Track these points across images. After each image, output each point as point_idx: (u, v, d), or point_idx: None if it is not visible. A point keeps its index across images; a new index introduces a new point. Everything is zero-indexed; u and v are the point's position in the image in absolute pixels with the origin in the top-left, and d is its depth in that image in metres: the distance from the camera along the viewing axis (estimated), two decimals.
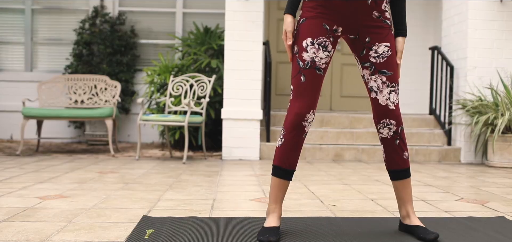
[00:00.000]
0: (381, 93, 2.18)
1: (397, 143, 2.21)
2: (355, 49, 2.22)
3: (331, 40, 2.15)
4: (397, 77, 2.20)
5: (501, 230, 2.34)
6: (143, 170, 4.44)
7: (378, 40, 2.17)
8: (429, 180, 4.14)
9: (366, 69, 2.20)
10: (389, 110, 2.18)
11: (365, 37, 2.18)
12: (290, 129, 2.11)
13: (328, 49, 2.14)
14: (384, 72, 2.17)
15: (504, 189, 3.71)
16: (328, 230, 2.29)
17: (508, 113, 5.22)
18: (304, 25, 2.13)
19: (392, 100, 2.18)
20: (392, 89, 2.18)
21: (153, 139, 7.53)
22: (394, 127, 2.19)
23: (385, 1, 2.16)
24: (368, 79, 2.21)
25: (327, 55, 2.13)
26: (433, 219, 2.56)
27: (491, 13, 5.74)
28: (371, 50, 2.18)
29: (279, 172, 2.15)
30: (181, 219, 2.45)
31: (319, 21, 2.12)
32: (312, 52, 2.10)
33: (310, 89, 2.10)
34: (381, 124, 2.20)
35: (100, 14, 7.43)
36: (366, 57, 2.19)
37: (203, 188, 3.49)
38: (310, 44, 2.10)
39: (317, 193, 3.34)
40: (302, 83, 2.10)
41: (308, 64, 2.09)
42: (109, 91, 6.42)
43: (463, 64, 5.83)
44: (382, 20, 2.18)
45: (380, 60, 2.16)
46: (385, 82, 2.17)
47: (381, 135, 2.22)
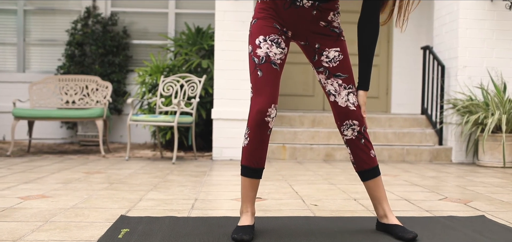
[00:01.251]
0: (339, 95, 2.19)
1: (362, 142, 2.21)
2: (307, 55, 2.25)
3: (283, 38, 2.16)
4: (353, 80, 2.21)
5: (479, 229, 2.33)
6: (130, 170, 4.43)
7: (328, 46, 2.20)
8: (416, 179, 4.13)
9: (321, 74, 2.22)
10: (350, 111, 2.18)
11: (315, 43, 2.20)
12: (254, 127, 2.08)
13: (282, 46, 2.14)
14: (339, 76, 2.19)
15: (490, 188, 3.69)
16: (304, 229, 2.28)
17: (498, 112, 5.21)
18: (256, 25, 2.15)
19: (351, 102, 2.19)
20: (349, 91, 2.19)
21: (145, 140, 7.52)
22: (358, 127, 2.20)
23: (331, 13, 2.17)
24: (325, 83, 2.22)
25: (281, 51, 2.13)
26: (412, 218, 2.55)
27: (482, 13, 5.73)
28: (322, 56, 2.20)
29: (248, 171, 2.14)
30: (158, 219, 2.44)
31: (270, 21, 2.14)
32: (265, 48, 2.10)
33: (269, 83, 2.08)
34: (344, 126, 2.20)
35: (92, 15, 7.42)
36: (319, 62, 2.21)
37: (187, 188, 3.48)
38: (263, 41, 2.11)
39: (301, 193, 3.33)
40: (260, 78, 2.08)
41: (263, 59, 2.09)
42: (100, 92, 6.41)
43: (454, 63, 5.82)
44: (329, 28, 2.20)
45: (333, 64, 2.18)
46: (341, 85, 2.19)
47: (345, 137, 2.22)
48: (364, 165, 2.21)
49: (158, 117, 5.27)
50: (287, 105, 7.36)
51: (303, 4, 2.11)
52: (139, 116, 5.33)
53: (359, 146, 2.20)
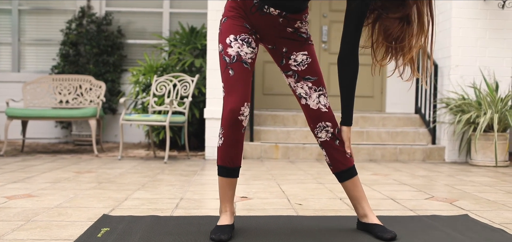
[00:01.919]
0: (310, 98, 2.19)
1: (337, 143, 2.21)
2: (275, 58, 2.25)
3: (253, 38, 2.15)
4: (323, 82, 2.21)
5: (460, 228, 2.33)
6: (121, 170, 4.43)
7: (295, 50, 2.20)
8: (406, 179, 4.12)
9: (290, 77, 2.22)
10: (322, 113, 2.18)
11: (282, 47, 2.20)
12: (227, 126, 2.06)
13: (252, 46, 2.13)
14: (308, 79, 2.19)
15: (478, 188, 3.69)
16: (284, 228, 2.28)
17: (490, 111, 5.20)
18: (226, 23, 2.13)
19: (323, 103, 2.19)
20: (320, 93, 2.20)
21: (140, 139, 7.52)
22: (331, 128, 2.20)
23: (298, 21, 2.17)
24: (294, 87, 2.22)
25: (251, 51, 2.12)
26: (395, 218, 2.55)
27: (475, 12, 5.72)
28: (290, 59, 2.20)
29: (224, 171, 2.13)
30: (140, 218, 2.44)
31: (240, 20, 2.13)
32: (236, 47, 2.09)
33: (241, 82, 2.06)
34: (317, 128, 2.20)
35: (86, 15, 7.42)
36: (287, 66, 2.21)
37: (175, 187, 3.48)
38: (234, 40, 2.10)
39: (288, 192, 3.33)
40: (231, 76, 2.06)
41: (234, 58, 2.08)
42: (94, 92, 6.41)
43: (447, 62, 5.82)
44: (297, 34, 2.20)
45: (301, 67, 2.19)
46: (311, 87, 2.19)
47: (320, 139, 2.22)
48: (340, 166, 2.21)
49: (150, 116, 5.27)
50: (280, 105, 7.35)
51: (270, 12, 2.10)
52: (132, 116, 5.33)
53: (334, 147, 2.21)
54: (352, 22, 2.10)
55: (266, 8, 2.09)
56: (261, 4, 2.08)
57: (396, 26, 2.01)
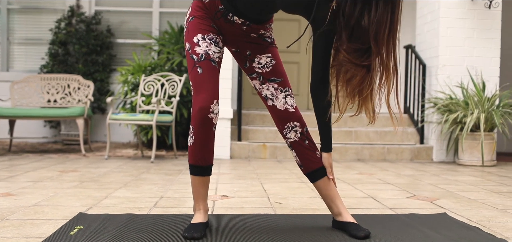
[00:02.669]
0: (277, 99, 2.19)
1: (306, 143, 2.20)
2: (239, 61, 2.25)
3: (221, 38, 2.14)
4: (288, 83, 2.21)
5: (436, 227, 2.33)
6: (106, 169, 4.41)
7: (259, 52, 2.20)
8: (391, 178, 4.12)
9: (255, 79, 2.22)
10: (290, 113, 2.18)
11: (246, 50, 2.20)
12: (198, 125, 2.04)
13: (220, 46, 2.12)
14: (274, 80, 2.19)
15: (461, 187, 3.69)
16: (260, 226, 2.27)
17: (477, 111, 5.21)
18: (193, 22, 2.11)
19: (290, 104, 2.19)
20: (286, 93, 2.19)
21: (129, 139, 7.50)
22: (300, 128, 2.19)
23: (262, 29, 2.16)
24: (260, 89, 2.21)
25: (219, 50, 2.11)
26: (373, 216, 2.54)
27: (463, 12, 5.73)
28: (254, 62, 2.20)
29: (196, 170, 2.11)
30: (116, 216, 2.43)
31: (207, 20, 2.11)
32: (204, 46, 2.07)
33: (209, 80, 2.04)
34: (286, 128, 2.19)
35: (76, 14, 7.40)
36: (251, 69, 2.21)
37: (157, 186, 3.47)
38: (202, 39, 2.08)
39: (269, 191, 3.32)
40: (200, 75, 2.04)
41: (202, 56, 2.05)
42: (82, 91, 6.39)
43: (435, 62, 5.83)
44: (261, 38, 2.19)
45: (266, 69, 2.19)
46: (277, 88, 2.19)
47: (289, 140, 2.21)
48: (311, 165, 2.21)
49: (137, 116, 5.26)
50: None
51: (234, 20, 2.10)
52: (119, 115, 5.31)
53: (304, 146, 2.20)
54: (318, 51, 2.05)
55: (231, 16, 2.08)
56: (226, 12, 2.08)
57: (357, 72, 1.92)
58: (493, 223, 2.47)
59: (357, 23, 1.86)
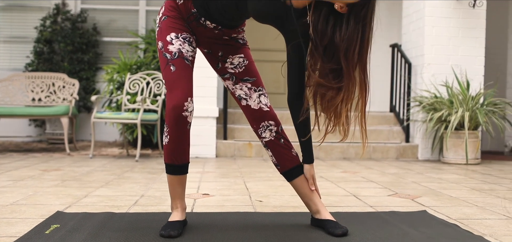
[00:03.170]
0: (251, 99, 2.18)
1: (282, 141, 2.20)
2: (211, 62, 2.24)
3: (194, 38, 2.13)
4: (261, 83, 2.20)
5: (415, 224, 2.33)
6: (89, 168, 4.38)
7: (231, 53, 2.19)
8: (375, 176, 4.13)
9: (228, 80, 2.21)
10: (264, 112, 2.17)
11: (218, 51, 2.20)
12: (172, 124, 2.01)
13: (193, 45, 2.11)
14: (247, 80, 2.18)
15: (444, 185, 3.71)
16: (238, 224, 2.26)
17: (461, 109, 5.24)
18: (166, 21, 2.09)
19: (264, 103, 2.18)
20: (260, 93, 2.19)
21: (115, 138, 7.46)
22: (274, 127, 2.19)
23: (234, 33, 2.16)
24: (233, 89, 2.21)
25: (192, 50, 2.09)
26: (353, 214, 2.54)
27: (448, 11, 5.76)
28: (227, 63, 2.19)
29: (172, 169, 2.09)
30: (94, 215, 2.41)
31: (180, 21, 2.09)
32: (178, 44, 2.05)
33: (183, 78, 2.01)
34: (261, 128, 2.18)
35: (61, 12, 7.34)
36: (224, 69, 2.20)
37: (139, 185, 3.45)
38: (175, 38, 2.06)
39: (252, 190, 3.31)
40: (173, 72, 2.01)
41: (175, 54, 2.03)
42: (67, 89, 6.34)
43: (420, 61, 5.85)
44: (233, 40, 2.19)
45: (239, 69, 2.18)
46: (251, 88, 2.18)
47: (264, 139, 2.20)
48: (288, 164, 2.20)
49: (122, 114, 5.23)
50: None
51: (206, 24, 2.09)
52: (103, 113, 5.28)
53: (280, 145, 2.19)
54: (292, 65, 2.03)
55: (203, 20, 2.07)
56: (198, 16, 2.06)
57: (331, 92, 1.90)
58: (472, 220, 2.48)
59: (330, 42, 1.85)
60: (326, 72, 1.89)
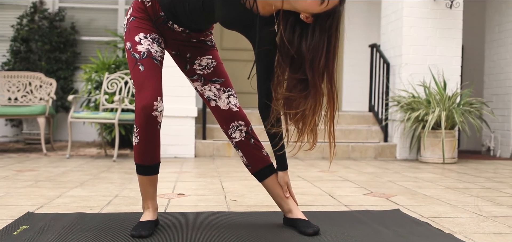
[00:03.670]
0: (220, 99, 2.18)
1: (252, 142, 2.19)
2: (179, 64, 2.23)
3: (163, 39, 2.12)
4: (230, 83, 2.20)
5: (387, 223, 2.34)
6: (65, 168, 4.33)
7: (199, 55, 2.19)
8: (352, 176, 4.15)
9: (197, 81, 2.20)
10: (234, 113, 2.17)
11: (186, 53, 2.19)
12: (142, 125, 1.98)
13: (162, 46, 2.10)
14: (216, 81, 2.18)
15: (419, 183, 3.74)
16: (210, 223, 2.25)
17: (438, 109, 5.29)
18: (135, 22, 2.07)
19: (233, 103, 2.18)
20: (229, 93, 2.19)
21: (94, 138, 7.39)
22: (244, 127, 2.18)
23: (202, 36, 2.16)
24: (202, 90, 2.20)
25: (161, 50, 2.08)
26: (326, 213, 2.55)
27: (425, 12, 5.81)
28: (195, 64, 2.19)
29: (143, 169, 2.07)
30: (65, 215, 2.38)
31: (149, 22, 2.08)
32: (146, 44, 2.03)
33: (152, 77, 1.99)
34: (231, 128, 2.18)
35: (38, 10, 7.24)
36: (192, 71, 2.20)
37: (115, 185, 3.41)
38: (144, 38, 2.04)
39: (227, 189, 3.30)
40: (142, 72, 1.99)
41: (144, 54, 2.01)
42: (44, 89, 6.26)
43: (398, 61, 5.89)
44: (202, 42, 2.19)
45: (207, 71, 2.18)
46: (219, 88, 2.18)
47: (234, 140, 2.19)
48: (259, 164, 2.20)
49: (99, 114, 5.18)
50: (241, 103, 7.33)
51: (174, 28, 2.08)
52: (80, 113, 5.23)
53: (251, 145, 2.19)
54: (261, 72, 2.01)
55: (171, 23, 2.06)
56: (166, 20, 2.05)
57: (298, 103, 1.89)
58: (443, 218, 2.50)
59: (297, 52, 1.85)
60: (294, 84, 1.88)
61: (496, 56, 7.01)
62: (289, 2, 1.82)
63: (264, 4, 1.91)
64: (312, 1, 1.76)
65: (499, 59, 6.94)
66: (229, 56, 7.28)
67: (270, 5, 1.89)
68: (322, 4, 1.77)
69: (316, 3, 1.76)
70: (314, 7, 1.78)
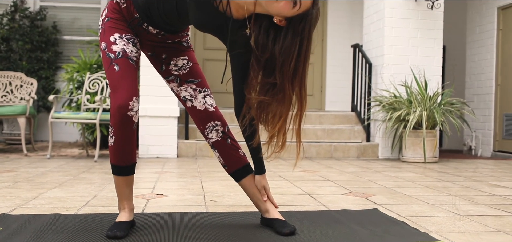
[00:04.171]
0: (196, 100, 2.17)
1: (229, 142, 2.19)
2: (155, 65, 2.22)
3: (138, 40, 2.11)
4: (206, 84, 2.20)
5: (364, 222, 2.35)
6: (45, 169, 4.29)
7: (175, 55, 2.18)
8: (333, 175, 4.16)
9: (172, 82, 2.20)
10: (210, 113, 2.16)
11: (161, 54, 2.18)
12: (118, 125, 1.96)
13: (137, 47, 2.08)
14: (191, 81, 2.17)
15: (399, 183, 3.76)
16: (187, 223, 2.24)
17: (419, 109, 5.33)
18: (110, 23, 2.05)
19: (209, 103, 2.18)
20: (205, 93, 2.18)
21: (76, 138, 7.33)
22: (221, 127, 2.18)
23: (176, 38, 2.15)
24: (178, 91, 2.19)
25: (136, 50, 2.07)
26: (302, 213, 2.55)
27: (407, 12, 5.85)
28: (171, 65, 2.18)
29: (119, 170, 2.05)
30: (40, 216, 2.35)
31: (124, 23, 2.06)
32: (122, 44, 2.01)
33: (127, 77, 1.97)
34: (207, 128, 2.17)
35: (19, 9, 7.16)
36: (168, 72, 2.19)
37: (94, 186, 3.39)
38: (119, 38, 2.02)
39: (207, 189, 3.29)
40: (117, 72, 1.97)
41: (119, 54, 1.99)
42: (25, 89, 6.20)
43: (380, 61, 5.92)
44: (178, 43, 2.18)
45: (183, 71, 2.17)
46: (196, 89, 2.17)
47: (211, 140, 2.19)
48: (236, 164, 2.20)
49: (80, 114, 5.14)
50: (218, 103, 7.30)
51: (149, 30, 2.07)
52: (61, 113, 5.18)
53: (227, 146, 2.19)
54: (236, 75, 2.01)
55: (146, 25, 2.05)
56: (141, 21, 2.04)
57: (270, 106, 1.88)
58: (420, 217, 2.52)
59: (271, 56, 1.83)
60: (267, 87, 1.87)
61: (477, 56, 7.09)
62: (262, 6, 1.81)
63: (237, 7, 1.90)
64: (285, 5, 1.76)
65: (480, 59, 7.02)
66: (212, 56, 7.27)
67: (243, 8, 1.89)
68: (295, 7, 1.77)
69: (288, 6, 1.76)
70: (286, 10, 1.78)
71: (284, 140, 1.95)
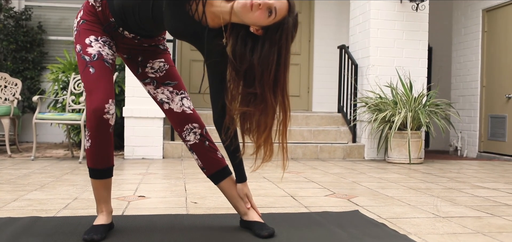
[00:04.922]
0: (173, 102, 2.16)
1: (207, 144, 2.19)
2: (131, 68, 2.21)
3: (114, 43, 2.10)
4: (183, 86, 2.19)
5: (344, 224, 2.35)
6: (28, 170, 4.25)
7: (151, 58, 2.17)
8: (317, 177, 4.17)
9: (149, 85, 2.19)
10: (187, 115, 2.16)
11: (137, 57, 2.17)
12: (93, 128, 1.94)
13: (113, 49, 2.07)
14: (168, 84, 2.17)
15: (382, 184, 3.77)
16: (167, 226, 2.23)
17: (404, 110, 5.35)
18: (85, 25, 2.03)
19: (187, 106, 2.17)
20: (182, 96, 2.18)
21: (62, 139, 7.28)
22: (198, 129, 2.17)
23: (152, 42, 2.14)
24: (155, 93, 2.18)
25: (112, 53, 2.05)
26: (284, 215, 2.55)
27: (392, 13, 5.87)
28: (147, 67, 2.17)
29: (96, 173, 2.03)
30: (18, 219, 2.33)
31: (99, 25, 2.05)
32: (97, 46, 1.99)
33: (103, 79, 1.95)
34: (185, 131, 2.17)
35: (3, 9, 7.10)
36: (144, 74, 2.18)
37: (76, 188, 3.36)
38: (94, 40, 2.01)
39: (190, 191, 3.28)
40: (92, 75, 1.95)
41: (95, 56, 1.97)
42: (9, 89, 6.14)
43: (366, 62, 5.94)
44: (154, 46, 2.18)
45: (159, 74, 2.16)
46: (172, 91, 2.16)
47: (189, 142, 2.18)
48: (214, 167, 2.19)
49: (64, 115, 5.10)
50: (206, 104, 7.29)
51: (124, 34, 2.06)
52: (45, 114, 5.14)
53: (205, 148, 2.18)
54: (213, 84, 2.00)
55: (121, 30, 2.04)
56: (116, 26, 2.03)
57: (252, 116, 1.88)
58: (401, 219, 2.52)
59: (250, 66, 1.83)
60: (249, 98, 1.86)
61: (463, 58, 7.13)
62: (237, 15, 1.81)
63: (213, 17, 1.89)
64: (260, 14, 1.76)
65: (466, 61, 7.07)
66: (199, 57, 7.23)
67: (219, 17, 1.88)
68: (270, 17, 1.77)
69: (264, 16, 1.76)
70: (262, 19, 1.77)
71: (271, 149, 1.94)
